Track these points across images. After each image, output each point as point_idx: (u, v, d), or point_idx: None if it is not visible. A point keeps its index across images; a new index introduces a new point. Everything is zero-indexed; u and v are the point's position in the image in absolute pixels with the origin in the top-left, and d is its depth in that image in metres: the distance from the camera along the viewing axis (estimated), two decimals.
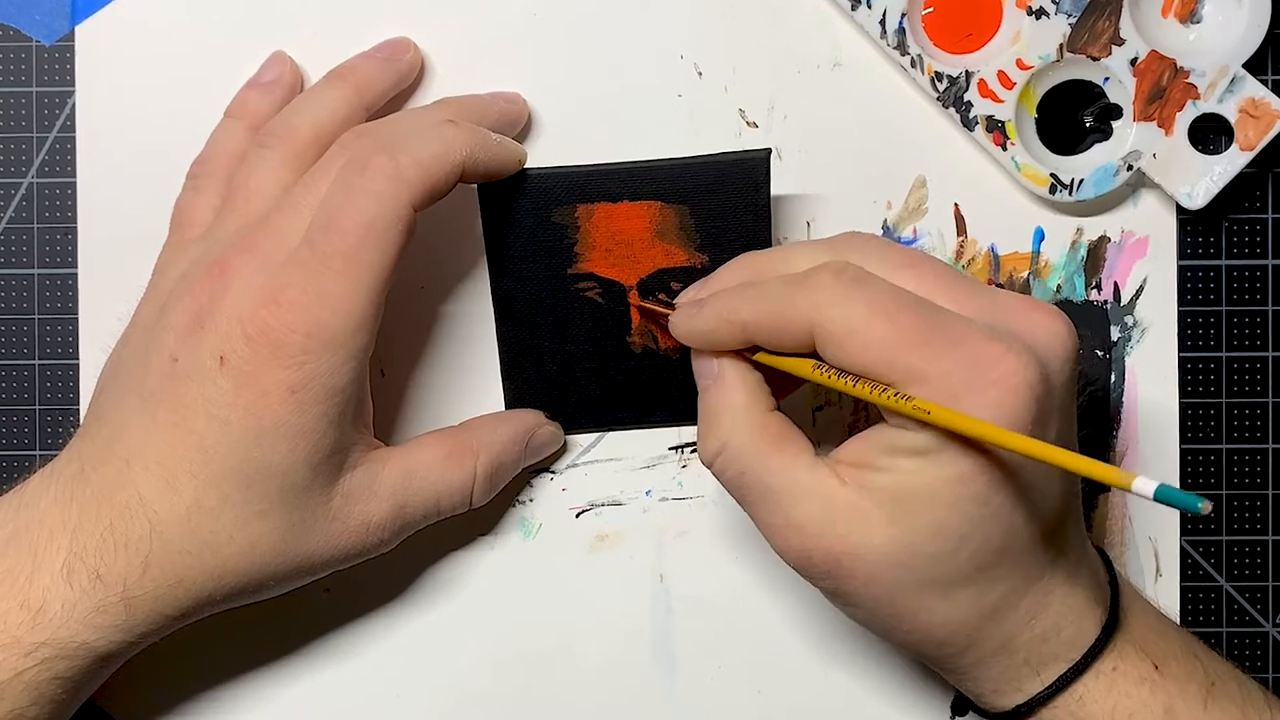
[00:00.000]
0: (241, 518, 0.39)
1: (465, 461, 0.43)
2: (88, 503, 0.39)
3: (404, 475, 0.42)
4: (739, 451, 0.39)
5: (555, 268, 0.44)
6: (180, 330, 0.39)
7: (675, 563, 0.47)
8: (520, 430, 0.45)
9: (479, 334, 0.47)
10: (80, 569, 0.39)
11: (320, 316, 0.38)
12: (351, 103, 0.44)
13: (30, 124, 0.47)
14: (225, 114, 0.45)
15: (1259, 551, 0.48)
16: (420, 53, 0.46)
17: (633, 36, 0.47)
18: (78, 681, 0.40)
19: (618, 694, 0.47)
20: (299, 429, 0.39)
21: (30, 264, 0.47)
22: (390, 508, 0.41)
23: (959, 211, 0.47)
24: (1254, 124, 0.45)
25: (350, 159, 0.40)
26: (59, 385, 0.47)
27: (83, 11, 0.47)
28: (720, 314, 0.39)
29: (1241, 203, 0.48)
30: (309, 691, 0.47)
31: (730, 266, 0.41)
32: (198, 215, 0.44)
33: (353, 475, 0.41)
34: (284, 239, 0.40)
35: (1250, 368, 0.48)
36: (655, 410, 0.46)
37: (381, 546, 0.42)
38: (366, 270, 0.39)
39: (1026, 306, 0.38)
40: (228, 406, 0.38)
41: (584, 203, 0.44)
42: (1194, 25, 0.46)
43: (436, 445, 0.43)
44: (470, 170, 0.41)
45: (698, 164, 0.44)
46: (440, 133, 0.41)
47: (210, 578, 0.40)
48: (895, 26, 0.46)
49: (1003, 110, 0.46)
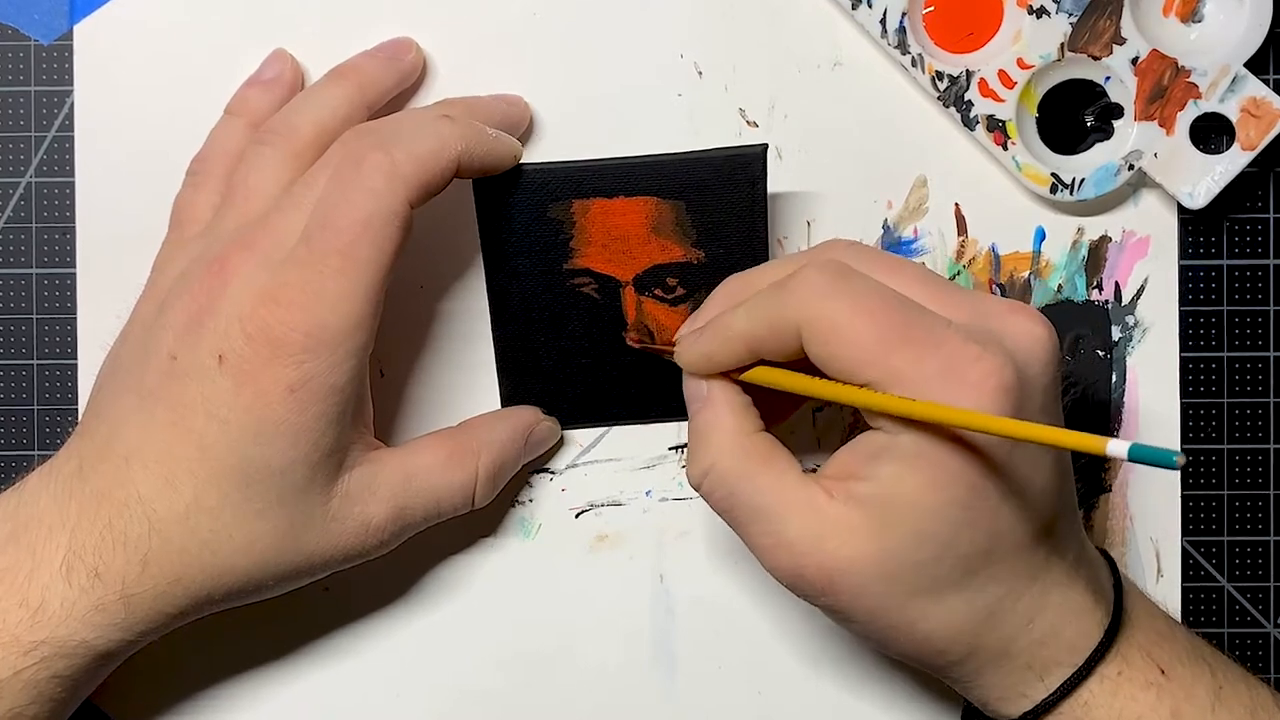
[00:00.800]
0: (240, 517, 0.39)
1: (467, 462, 0.43)
2: (86, 501, 0.39)
3: (404, 477, 0.42)
4: (726, 472, 0.39)
5: (551, 263, 0.44)
6: (179, 328, 0.39)
7: (675, 563, 0.47)
8: (519, 427, 0.45)
9: (478, 331, 0.46)
10: (79, 567, 0.39)
11: (319, 315, 0.38)
12: (353, 101, 0.44)
13: (28, 123, 0.47)
14: (225, 111, 0.45)
15: (1261, 552, 0.48)
16: (422, 53, 0.46)
17: (632, 36, 0.47)
18: (76, 680, 0.39)
19: (618, 695, 0.47)
20: (298, 428, 0.39)
21: (28, 264, 0.47)
22: (390, 509, 0.41)
23: (959, 211, 0.47)
24: (1255, 123, 0.45)
25: (345, 156, 0.40)
26: (57, 385, 0.47)
27: (81, 11, 0.46)
28: (718, 333, 0.39)
29: (1243, 202, 0.47)
30: (308, 691, 0.47)
31: (720, 289, 0.41)
32: (197, 213, 0.43)
33: (352, 475, 0.41)
34: (283, 237, 0.39)
35: (1251, 368, 0.47)
36: (652, 406, 0.46)
37: (381, 548, 0.42)
38: (364, 268, 0.39)
39: (1006, 309, 0.38)
40: (227, 405, 0.38)
41: (579, 198, 0.44)
42: (1195, 24, 0.46)
43: (437, 446, 0.43)
44: (466, 165, 0.41)
45: (694, 159, 0.43)
46: (435, 128, 0.41)
47: (209, 576, 0.40)
48: (896, 25, 0.45)
49: (1003, 109, 0.46)
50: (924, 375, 0.35)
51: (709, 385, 0.40)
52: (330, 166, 0.40)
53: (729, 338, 0.39)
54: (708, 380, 0.40)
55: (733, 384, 0.40)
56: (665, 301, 0.45)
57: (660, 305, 0.45)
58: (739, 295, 0.40)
